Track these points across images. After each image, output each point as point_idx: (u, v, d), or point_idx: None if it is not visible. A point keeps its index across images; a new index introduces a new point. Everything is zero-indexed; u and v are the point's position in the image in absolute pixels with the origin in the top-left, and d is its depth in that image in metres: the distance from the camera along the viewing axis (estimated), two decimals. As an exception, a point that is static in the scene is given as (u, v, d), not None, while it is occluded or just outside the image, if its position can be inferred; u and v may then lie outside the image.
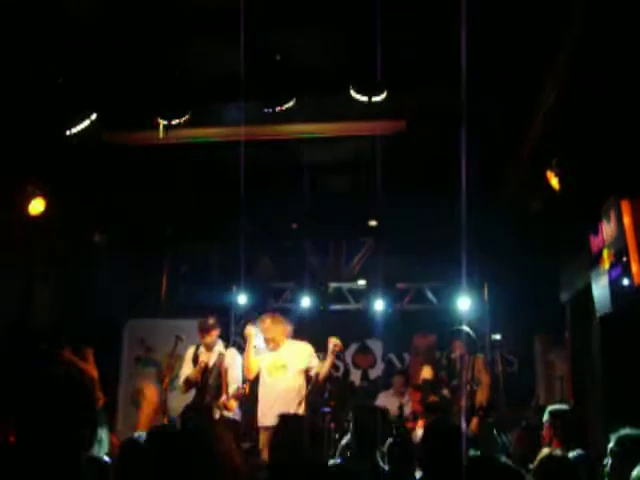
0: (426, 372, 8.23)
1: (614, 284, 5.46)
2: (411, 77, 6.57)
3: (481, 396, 7.61)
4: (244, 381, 7.34)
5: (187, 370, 7.49)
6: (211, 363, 7.40)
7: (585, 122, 5.85)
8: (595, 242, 6.01)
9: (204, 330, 7.43)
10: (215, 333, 7.50)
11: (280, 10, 5.72)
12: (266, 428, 6.71)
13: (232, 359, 7.42)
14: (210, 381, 7.33)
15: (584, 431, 6.83)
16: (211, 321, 7.49)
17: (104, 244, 9.83)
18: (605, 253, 5.68)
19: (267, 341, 7.35)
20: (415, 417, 7.91)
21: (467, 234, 9.50)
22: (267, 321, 7.43)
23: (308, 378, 7.26)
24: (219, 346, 7.51)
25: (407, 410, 8.24)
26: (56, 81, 6.13)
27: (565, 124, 6.14)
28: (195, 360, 7.50)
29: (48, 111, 6.47)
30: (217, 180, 9.17)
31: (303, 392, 7.18)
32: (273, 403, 7.01)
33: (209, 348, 7.47)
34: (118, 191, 9.02)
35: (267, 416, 6.88)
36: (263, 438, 6.93)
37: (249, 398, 7.50)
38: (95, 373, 8.07)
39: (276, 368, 7.23)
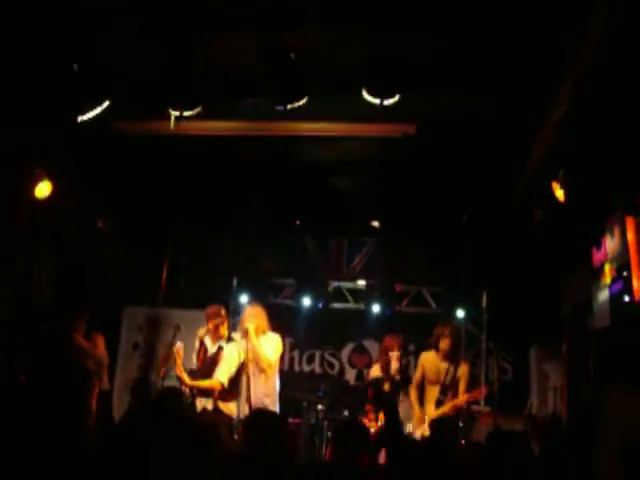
0: (375, 371, 8.32)
1: (614, 299, 5.48)
2: (423, 82, 6.59)
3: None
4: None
5: (194, 360, 7.44)
6: (210, 353, 7.35)
7: (594, 135, 5.87)
8: (597, 256, 6.04)
9: (218, 323, 7.35)
10: (226, 325, 7.43)
11: (297, 9, 5.75)
12: None
13: (229, 351, 7.30)
14: (202, 370, 7.29)
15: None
16: (223, 312, 7.42)
17: (107, 231, 9.85)
18: (607, 268, 5.70)
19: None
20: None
21: (470, 241, 9.62)
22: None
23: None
24: (224, 339, 7.39)
25: None
26: (71, 66, 6.14)
27: (574, 136, 6.16)
28: (199, 350, 7.43)
29: (61, 96, 6.48)
30: (223, 173, 9.20)
31: None
32: None
33: (216, 339, 7.39)
34: (124, 179, 9.06)
35: None
36: None
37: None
38: (106, 359, 8.09)
39: None
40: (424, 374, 8.08)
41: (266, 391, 7.27)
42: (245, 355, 7.14)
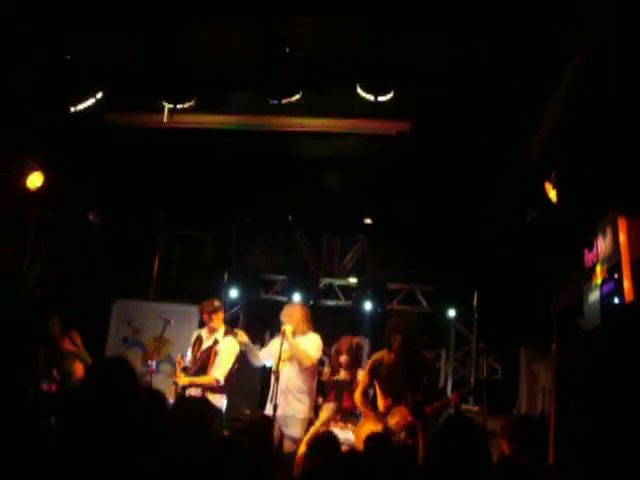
0: (326, 374, 8.21)
1: (605, 299, 5.48)
2: (418, 79, 6.58)
3: None
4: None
5: (189, 355, 7.43)
6: (205, 346, 7.32)
7: (588, 136, 5.87)
8: (589, 256, 6.04)
9: (210, 312, 7.38)
10: (221, 316, 7.46)
11: (292, 2, 5.73)
12: None
13: (225, 346, 7.30)
14: (196, 364, 7.27)
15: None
16: (217, 303, 7.46)
17: (99, 223, 9.81)
18: (598, 268, 5.70)
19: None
20: None
21: (462, 240, 9.61)
22: None
23: None
24: (220, 332, 7.40)
25: None
26: (64, 57, 6.10)
27: (568, 137, 6.16)
28: (194, 344, 7.42)
29: (53, 87, 6.45)
30: (216, 167, 9.18)
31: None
32: None
33: (212, 332, 7.40)
34: (116, 171, 9.02)
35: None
36: None
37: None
38: (88, 357, 7.98)
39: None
40: (377, 380, 7.07)
41: (302, 389, 7.48)
42: (282, 355, 7.23)
